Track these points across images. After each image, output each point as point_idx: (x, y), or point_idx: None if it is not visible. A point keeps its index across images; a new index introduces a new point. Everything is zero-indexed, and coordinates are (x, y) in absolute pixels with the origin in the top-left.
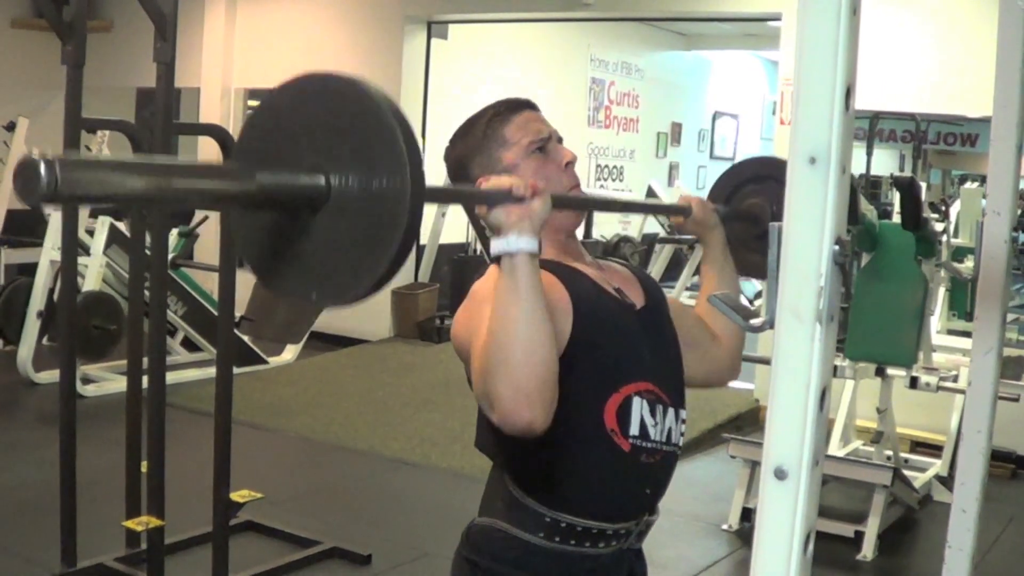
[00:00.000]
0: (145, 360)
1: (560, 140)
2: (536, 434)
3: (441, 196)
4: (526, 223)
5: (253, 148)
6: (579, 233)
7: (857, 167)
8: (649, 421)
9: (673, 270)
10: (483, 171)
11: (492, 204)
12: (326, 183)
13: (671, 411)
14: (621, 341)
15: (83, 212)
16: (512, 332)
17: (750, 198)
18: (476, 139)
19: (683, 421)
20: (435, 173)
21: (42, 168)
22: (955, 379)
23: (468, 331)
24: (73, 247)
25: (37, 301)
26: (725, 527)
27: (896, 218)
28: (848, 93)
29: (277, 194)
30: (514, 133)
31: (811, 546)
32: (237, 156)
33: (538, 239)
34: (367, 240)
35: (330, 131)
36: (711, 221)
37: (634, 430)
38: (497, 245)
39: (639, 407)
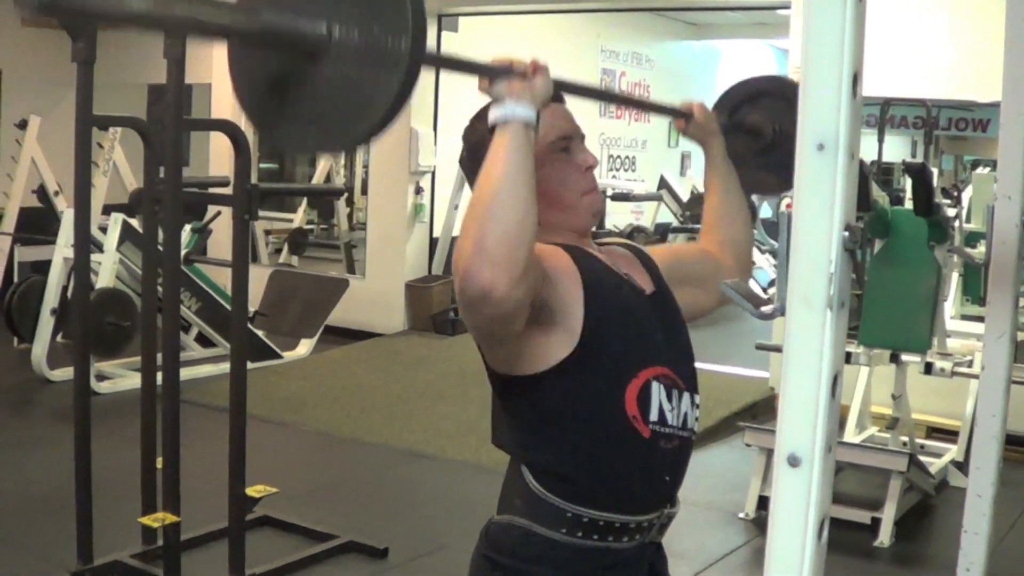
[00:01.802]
0: (159, 356)
1: (583, 139)
2: (494, 302)
3: (440, 62)
4: (526, 93)
5: None
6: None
7: (869, 154)
8: (666, 406)
9: None
10: None
11: (494, 78)
12: (327, 31)
13: (686, 396)
14: (636, 326)
15: (96, 209)
16: (489, 192)
17: (752, 113)
18: None
19: (697, 406)
20: (448, 166)
21: None
22: (970, 364)
23: None
24: (86, 244)
25: (51, 299)
26: (742, 516)
27: (908, 204)
28: (855, 79)
29: (277, 35)
30: (540, 126)
31: (825, 532)
32: None
33: (536, 111)
34: (362, 94)
35: None
36: (712, 126)
37: (653, 415)
38: (494, 113)
39: (657, 392)
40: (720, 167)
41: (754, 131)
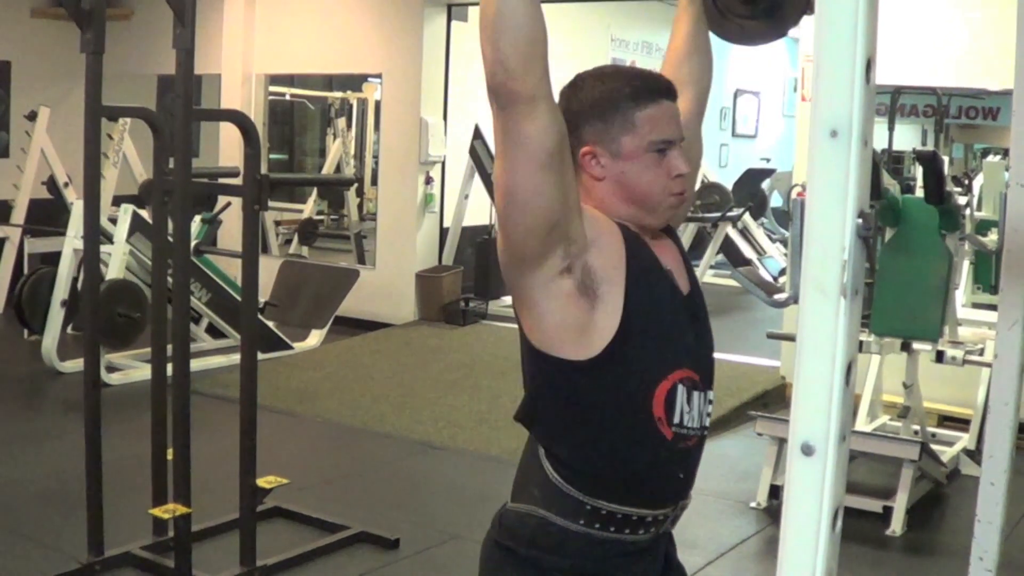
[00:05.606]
0: (169, 347)
1: (682, 142)
2: (509, 75)
3: None
4: None
5: None
6: None
7: (879, 142)
8: (686, 408)
9: (697, 248)
10: (595, 139)
11: None
12: None
13: (703, 395)
14: (672, 327)
15: (106, 200)
16: None
17: None
18: (604, 103)
19: (711, 402)
20: (458, 155)
21: None
22: (981, 352)
23: None
24: (96, 235)
25: (61, 290)
26: (753, 505)
27: (919, 192)
28: (869, 65)
29: None
30: (644, 123)
31: (839, 522)
32: None
33: None
34: None
35: None
36: None
37: (676, 418)
38: None
39: (682, 395)
40: (691, 5)
41: None
